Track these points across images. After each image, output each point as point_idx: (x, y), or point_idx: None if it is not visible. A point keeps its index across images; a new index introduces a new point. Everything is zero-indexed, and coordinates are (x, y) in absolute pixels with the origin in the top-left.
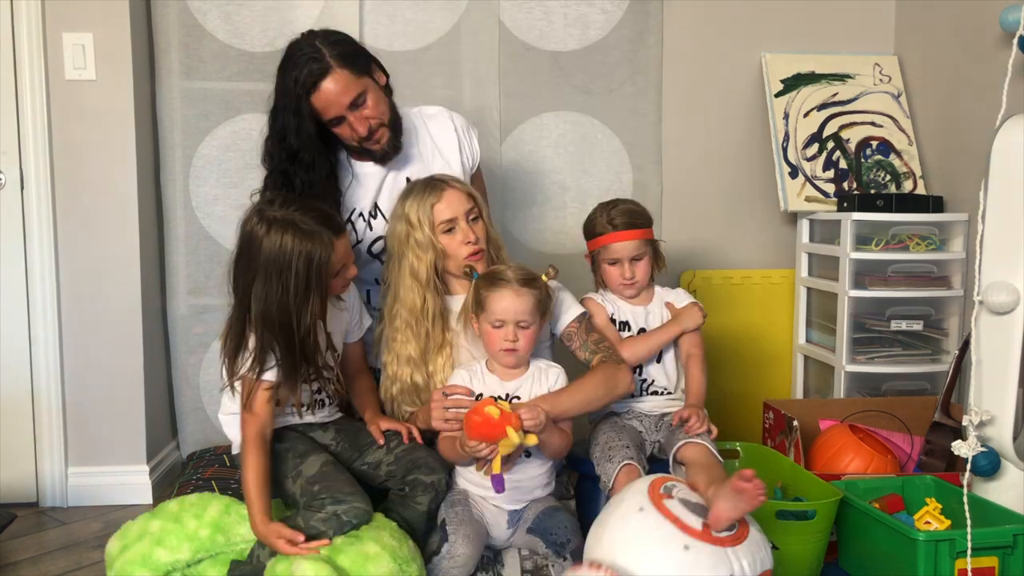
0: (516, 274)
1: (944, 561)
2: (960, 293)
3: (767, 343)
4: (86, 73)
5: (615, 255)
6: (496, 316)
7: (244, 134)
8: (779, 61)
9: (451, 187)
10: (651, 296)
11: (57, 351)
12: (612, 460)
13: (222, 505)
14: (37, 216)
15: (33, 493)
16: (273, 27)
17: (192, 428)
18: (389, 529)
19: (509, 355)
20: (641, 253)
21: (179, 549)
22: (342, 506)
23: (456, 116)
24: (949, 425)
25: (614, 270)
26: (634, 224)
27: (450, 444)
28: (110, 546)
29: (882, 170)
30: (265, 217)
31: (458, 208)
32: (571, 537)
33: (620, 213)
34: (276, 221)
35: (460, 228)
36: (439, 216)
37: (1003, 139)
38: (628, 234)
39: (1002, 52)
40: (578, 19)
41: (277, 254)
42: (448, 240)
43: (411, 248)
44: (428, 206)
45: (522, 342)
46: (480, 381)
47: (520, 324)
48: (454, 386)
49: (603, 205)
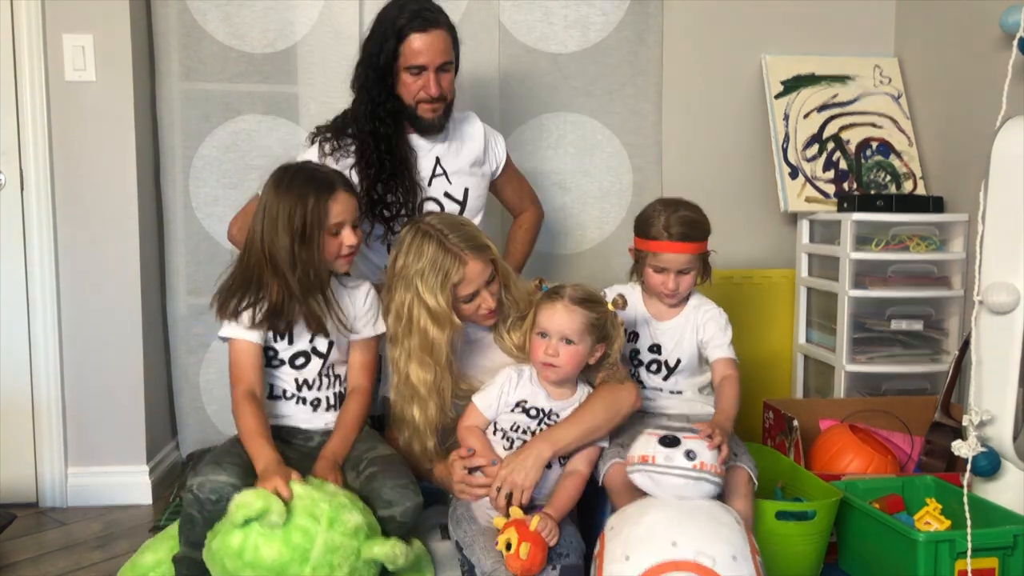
0: (573, 291)
1: (944, 562)
2: (960, 293)
3: (767, 343)
4: (86, 74)
5: (663, 264)
6: (541, 326)
7: (244, 135)
8: (779, 62)
9: (472, 259)
10: (680, 311)
11: (57, 351)
12: (622, 455)
13: None
14: (37, 216)
15: (33, 493)
16: (273, 28)
17: (192, 428)
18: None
19: (548, 369)
20: (690, 267)
21: (159, 550)
22: (197, 479)
23: (482, 122)
24: (949, 425)
25: (658, 278)
26: (690, 236)
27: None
28: None
29: (882, 171)
30: (279, 168)
31: (480, 280)
32: (570, 552)
33: (679, 221)
34: (285, 170)
35: (481, 296)
36: (460, 292)
37: (1003, 140)
38: (682, 247)
39: (1002, 53)
40: (578, 20)
41: (281, 195)
42: (465, 307)
43: (424, 291)
44: (449, 287)
45: (563, 358)
46: (526, 387)
47: (564, 339)
48: (472, 457)
49: (664, 204)
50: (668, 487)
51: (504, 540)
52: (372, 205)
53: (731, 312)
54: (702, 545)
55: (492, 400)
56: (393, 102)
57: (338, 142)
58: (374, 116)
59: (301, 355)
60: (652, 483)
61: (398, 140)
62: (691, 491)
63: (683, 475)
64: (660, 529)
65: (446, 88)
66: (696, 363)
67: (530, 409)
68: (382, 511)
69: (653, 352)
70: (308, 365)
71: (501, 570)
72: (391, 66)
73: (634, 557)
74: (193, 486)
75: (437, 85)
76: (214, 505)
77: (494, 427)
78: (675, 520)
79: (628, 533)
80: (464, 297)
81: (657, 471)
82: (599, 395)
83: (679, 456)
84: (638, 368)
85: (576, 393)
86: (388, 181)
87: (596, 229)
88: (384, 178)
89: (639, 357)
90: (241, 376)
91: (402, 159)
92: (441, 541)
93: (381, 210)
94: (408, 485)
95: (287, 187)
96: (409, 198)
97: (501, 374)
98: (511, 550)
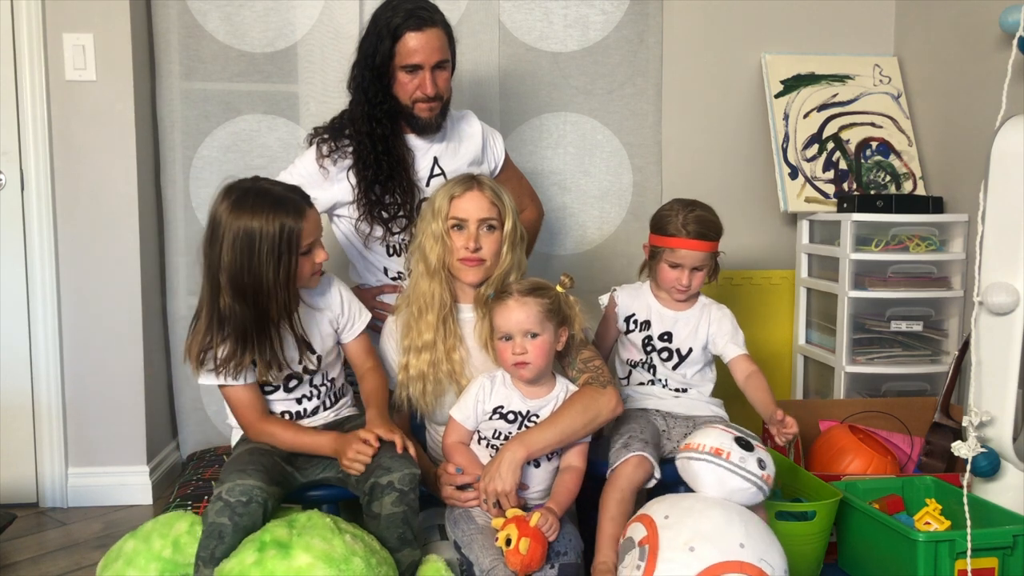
0: (519, 285)
1: (944, 562)
2: (960, 294)
3: (767, 343)
4: (86, 73)
5: (679, 260)
6: (502, 329)
7: (244, 135)
8: (779, 62)
9: (478, 189)
10: (690, 304)
11: (57, 351)
12: (628, 447)
13: (188, 523)
14: (37, 216)
15: (33, 493)
16: (273, 28)
17: (192, 428)
18: (319, 529)
19: (521, 368)
20: (703, 264)
21: (147, 570)
22: (225, 486)
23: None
24: (949, 426)
25: (673, 273)
26: (706, 235)
27: (454, 451)
28: (98, 566)
29: (882, 171)
30: (232, 188)
31: (473, 212)
32: (568, 550)
33: (696, 220)
34: (243, 191)
35: (467, 231)
36: (454, 211)
37: (1003, 140)
38: (699, 244)
39: (1002, 52)
40: (578, 20)
41: (247, 220)
42: (455, 237)
43: (427, 235)
44: (448, 199)
45: (532, 353)
46: (501, 393)
47: (528, 334)
48: (464, 475)
49: (681, 204)
50: (729, 486)
51: (504, 536)
52: (370, 206)
53: (730, 311)
54: (764, 552)
55: (469, 411)
56: (390, 102)
57: (335, 143)
58: (371, 117)
59: (293, 377)
60: (713, 478)
61: (395, 141)
62: (747, 497)
63: (751, 480)
64: (729, 528)
65: (442, 87)
66: (703, 358)
67: (508, 414)
68: (381, 478)
69: (664, 340)
70: (302, 383)
71: (500, 567)
72: (387, 66)
73: (700, 550)
74: (222, 492)
75: (433, 84)
76: (245, 507)
77: (478, 436)
78: (741, 522)
79: (693, 526)
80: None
81: (727, 467)
82: (578, 398)
83: (752, 461)
84: (650, 355)
85: (554, 389)
86: (386, 182)
87: (596, 229)
88: (382, 179)
89: (652, 343)
90: (247, 415)
91: (399, 160)
92: (440, 542)
93: (380, 211)
94: (405, 455)
95: (251, 210)
96: (407, 199)
97: (474, 383)
98: (511, 546)
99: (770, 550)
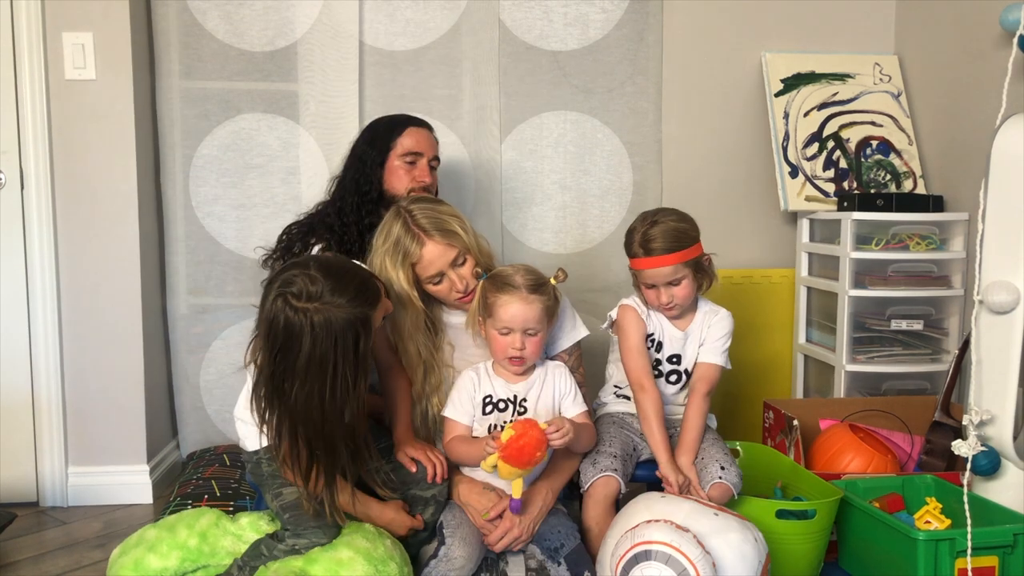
0: (525, 280)
1: (944, 560)
2: (960, 293)
3: (767, 343)
4: (86, 73)
5: (649, 280)
6: (503, 323)
7: (244, 134)
8: (779, 60)
9: (432, 240)
10: (692, 318)
11: (57, 351)
12: (596, 465)
13: (214, 517)
14: (37, 216)
15: (33, 493)
16: (273, 27)
17: (192, 428)
18: (362, 531)
19: (516, 363)
20: (679, 277)
21: (168, 557)
22: (301, 540)
23: None
24: (949, 424)
25: (650, 293)
26: (668, 248)
27: (458, 445)
28: (113, 552)
29: (882, 169)
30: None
31: (441, 262)
32: (564, 542)
33: (657, 235)
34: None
35: (447, 279)
36: (422, 273)
37: (1003, 139)
38: (660, 260)
39: (1002, 52)
40: (578, 18)
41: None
42: (435, 288)
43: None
44: (408, 266)
45: (529, 349)
46: (487, 383)
47: (528, 332)
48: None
49: (642, 219)
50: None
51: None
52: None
53: (731, 311)
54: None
55: (467, 406)
56: (381, 194)
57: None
58: (360, 207)
59: None
60: None
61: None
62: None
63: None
64: None
65: (433, 182)
66: None
67: (498, 403)
68: (425, 491)
69: (673, 363)
70: None
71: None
72: (384, 159)
73: None
74: (297, 546)
75: (430, 174)
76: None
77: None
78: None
79: None
80: (429, 279)
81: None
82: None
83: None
84: (658, 379)
85: (535, 371)
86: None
87: (596, 228)
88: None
89: (659, 368)
90: None
91: None
92: None
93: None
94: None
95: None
96: None
97: (462, 378)
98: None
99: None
